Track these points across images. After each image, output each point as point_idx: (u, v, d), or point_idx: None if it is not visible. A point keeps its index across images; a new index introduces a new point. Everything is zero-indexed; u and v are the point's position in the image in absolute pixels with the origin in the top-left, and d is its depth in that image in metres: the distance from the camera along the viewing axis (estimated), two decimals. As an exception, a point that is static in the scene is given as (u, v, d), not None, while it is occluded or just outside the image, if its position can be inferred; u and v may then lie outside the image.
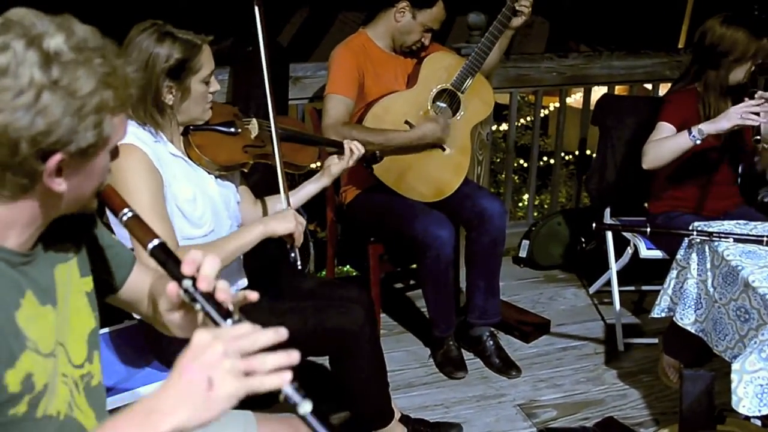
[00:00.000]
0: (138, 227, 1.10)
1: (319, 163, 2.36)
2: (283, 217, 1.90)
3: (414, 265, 3.12)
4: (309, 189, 2.23)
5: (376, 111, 2.66)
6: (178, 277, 1.01)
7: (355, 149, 2.22)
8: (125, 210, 1.11)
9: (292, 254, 1.92)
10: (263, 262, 2.18)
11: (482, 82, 2.81)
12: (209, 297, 0.99)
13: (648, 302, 3.31)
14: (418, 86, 2.71)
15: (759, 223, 2.29)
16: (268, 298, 1.85)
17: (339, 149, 2.23)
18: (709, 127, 2.48)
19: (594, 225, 2.39)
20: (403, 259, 3.08)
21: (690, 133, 2.51)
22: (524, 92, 4.99)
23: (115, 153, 1.09)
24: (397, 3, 2.67)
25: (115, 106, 1.01)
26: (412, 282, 3.45)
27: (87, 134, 0.98)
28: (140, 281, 1.32)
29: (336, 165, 2.23)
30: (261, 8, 1.97)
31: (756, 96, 2.45)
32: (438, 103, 2.73)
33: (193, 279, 1.00)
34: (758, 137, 2.41)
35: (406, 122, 2.67)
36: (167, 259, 1.05)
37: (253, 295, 1.05)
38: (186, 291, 1.00)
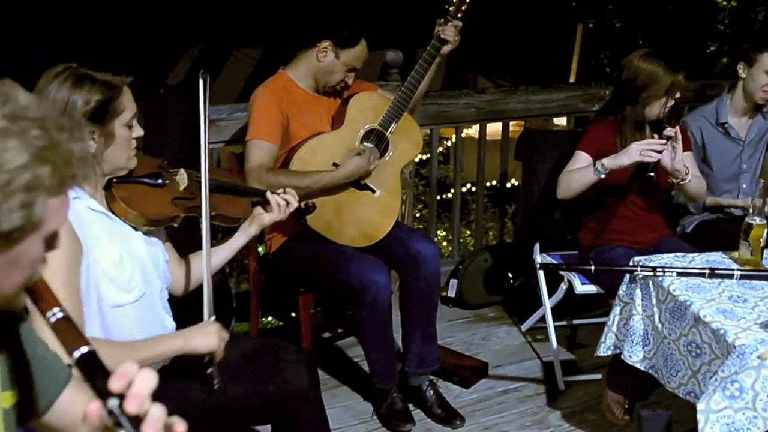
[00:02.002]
0: (68, 330, 0.95)
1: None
2: (206, 332, 1.75)
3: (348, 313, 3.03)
4: (238, 241, 2.14)
5: (302, 154, 2.59)
6: (104, 394, 0.84)
7: (282, 202, 2.14)
8: (55, 310, 0.95)
9: (209, 370, 1.76)
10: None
11: (410, 121, 2.80)
12: (136, 423, 0.83)
13: (581, 336, 3.36)
14: (344, 127, 2.66)
15: (696, 254, 2.36)
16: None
17: (263, 199, 2.15)
18: (611, 162, 2.58)
19: (537, 264, 2.40)
20: (336, 308, 2.99)
21: (594, 167, 2.60)
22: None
23: (51, 241, 0.95)
24: (319, 43, 2.62)
25: (51, 185, 0.89)
26: (340, 330, 3.36)
27: (11, 216, 0.86)
28: (73, 404, 1.12)
29: (268, 215, 2.14)
30: (206, 82, 1.88)
31: (664, 133, 2.56)
32: (366, 143, 2.69)
33: (121, 398, 0.84)
34: (652, 174, 2.51)
35: (334, 164, 2.62)
36: (96, 371, 0.89)
37: (180, 428, 0.89)
38: (110, 413, 0.83)
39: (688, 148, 2.87)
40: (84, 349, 0.92)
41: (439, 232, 6.78)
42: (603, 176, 2.61)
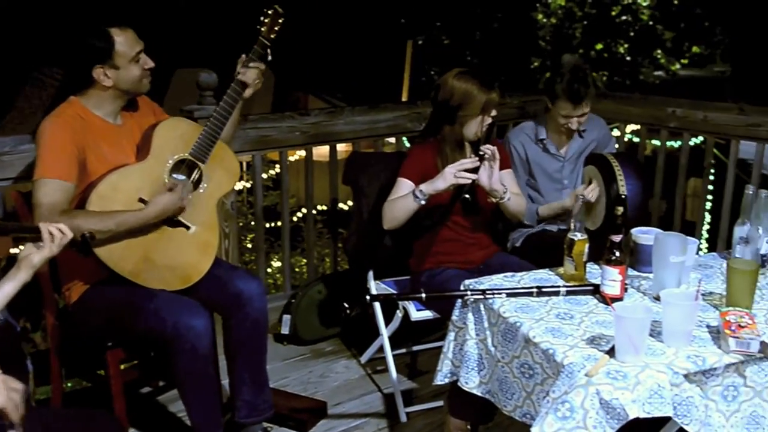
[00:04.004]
0: None
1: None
2: None
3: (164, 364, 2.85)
4: (5, 290, 1.92)
5: (102, 191, 2.39)
6: None
7: (56, 232, 1.97)
8: None
9: None
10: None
11: (225, 149, 2.68)
12: None
13: (421, 363, 3.37)
14: (150, 158, 2.50)
15: (524, 273, 2.42)
16: None
17: (36, 234, 1.97)
18: (428, 188, 2.63)
19: (368, 297, 2.37)
20: (151, 360, 2.79)
21: (414, 194, 2.64)
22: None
23: None
24: (92, 72, 2.43)
25: None
26: (162, 383, 3.16)
27: None
28: None
29: (36, 254, 1.95)
30: None
31: (479, 153, 2.64)
32: (176, 175, 2.54)
33: None
34: (467, 196, 2.58)
35: (141, 200, 2.45)
36: None
37: None
38: None
39: (507, 165, 2.97)
40: None
41: (274, 262, 6.68)
42: (423, 202, 2.64)
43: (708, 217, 6.26)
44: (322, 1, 12.71)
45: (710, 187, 4.43)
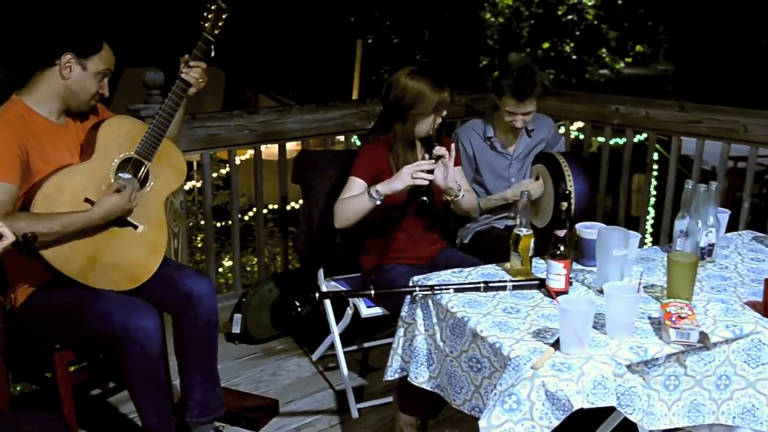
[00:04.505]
0: None
1: None
2: None
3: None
4: None
5: (47, 191, 2.34)
6: None
7: None
8: None
9: None
10: None
11: (171, 147, 2.65)
12: None
13: (373, 359, 3.38)
14: (95, 157, 2.45)
15: (472, 268, 2.44)
16: None
17: None
18: (384, 188, 2.63)
19: (317, 295, 2.36)
20: (100, 363, 2.74)
21: (369, 194, 2.64)
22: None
23: None
24: (58, 59, 2.40)
25: None
26: (112, 385, 3.10)
27: None
28: None
29: None
30: None
31: (434, 153, 2.65)
32: (122, 174, 2.50)
33: None
34: (425, 198, 2.59)
35: (87, 200, 2.40)
36: None
37: None
38: None
39: (458, 163, 2.99)
40: None
41: (226, 262, 6.62)
42: (378, 203, 2.65)
43: (652, 212, 6.43)
44: (275, 2, 12.64)
45: (654, 182, 4.53)
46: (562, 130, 4.44)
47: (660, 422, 1.97)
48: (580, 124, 4.86)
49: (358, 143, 4.00)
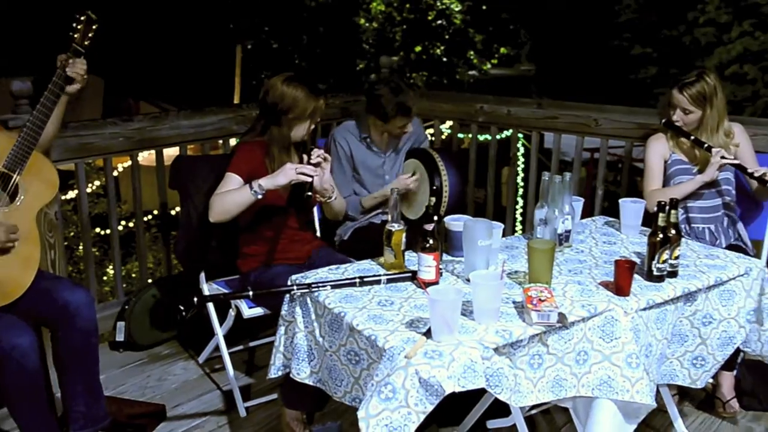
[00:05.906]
0: None
1: None
2: None
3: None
4: None
5: None
6: None
7: None
8: None
9: None
10: None
11: (41, 159, 2.50)
12: None
13: (259, 358, 3.33)
14: (-42, 172, 2.29)
15: (348, 264, 2.45)
16: None
17: None
18: (267, 183, 2.60)
19: (196, 299, 2.30)
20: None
21: (251, 188, 2.60)
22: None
23: None
24: None
25: None
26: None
27: None
28: None
29: None
30: None
31: (313, 155, 2.64)
32: (-11, 189, 2.34)
33: None
34: (309, 193, 2.60)
35: (-51, 217, 2.24)
36: None
37: None
38: None
39: (330, 168, 2.99)
40: None
41: (110, 270, 6.36)
42: (260, 197, 2.61)
43: (521, 202, 6.66)
44: (153, 9, 12.24)
45: (522, 175, 4.68)
46: (430, 130, 4.54)
47: (527, 399, 2.04)
48: (450, 122, 4.97)
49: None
